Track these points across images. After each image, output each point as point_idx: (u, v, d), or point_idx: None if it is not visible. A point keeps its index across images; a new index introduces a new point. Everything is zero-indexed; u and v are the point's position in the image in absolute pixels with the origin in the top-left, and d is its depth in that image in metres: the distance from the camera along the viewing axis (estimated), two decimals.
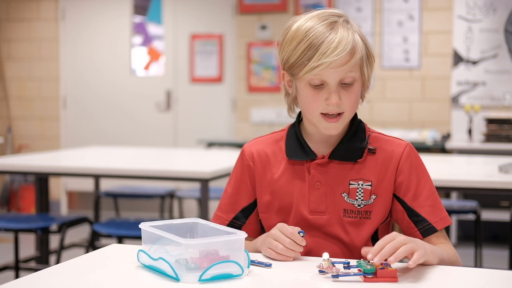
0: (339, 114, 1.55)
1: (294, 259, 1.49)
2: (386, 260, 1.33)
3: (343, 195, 1.59)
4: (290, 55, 1.54)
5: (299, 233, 1.48)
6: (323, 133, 1.59)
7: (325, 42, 1.49)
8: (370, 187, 1.58)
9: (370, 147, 1.61)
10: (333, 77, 1.51)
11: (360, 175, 1.59)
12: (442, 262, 1.48)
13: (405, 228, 1.62)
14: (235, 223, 1.68)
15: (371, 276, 1.31)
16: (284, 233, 1.48)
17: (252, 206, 1.68)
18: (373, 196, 1.58)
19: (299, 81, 1.56)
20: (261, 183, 1.66)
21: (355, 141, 1.61)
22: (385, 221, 1.62)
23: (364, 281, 1.32)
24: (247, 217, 1.68)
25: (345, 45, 1.49)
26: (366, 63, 1.56)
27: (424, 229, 1.58)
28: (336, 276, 1.33)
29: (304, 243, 1.47)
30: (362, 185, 1.58)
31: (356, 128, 1.63)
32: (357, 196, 1.58)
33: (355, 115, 1.65)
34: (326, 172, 1.60)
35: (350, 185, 1.59)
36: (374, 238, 1.61)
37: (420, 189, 1.59)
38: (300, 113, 1.67)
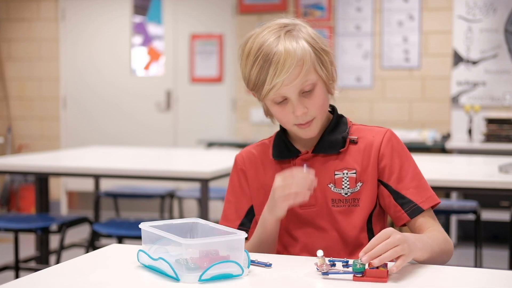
0: (310, 120, 1.59)
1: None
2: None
3: (330, 185, 1.62)
4: (248, 79, 1.60)
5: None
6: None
7: (273, 63, 1.53)
8: (355, 175, 1.62)
9: (351, 137, 1.65)
10: (291, 91, 1.55)
11: (344, 164, 1.63)
12: (433, 254, 1.49)
13: (392, 212, 1.63)
14: (242, 229, 1.68)
15: (360, 275, 1.32)
16: (286, 180, 1.51)
17: (253, 209, 1.71)
18: (359, 184, 1.61)
19: (264, 101, 1.62)
20: (254, 185, 1.70)
21: (336, 133, 1.65)
22: (374, 209, 1.63)
23: (353, 279, 1.33)
24: (251, 221, 1.70)
25: (291, 60, 1.52)
26: (319, 64, 1.58)
27: (411, 210, 1.60)
28: (325, 273, 1.34)
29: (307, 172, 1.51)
30: (347, 173, 1.62)
31: (336, 121, 1.67)
32: (343, 184, 1.62)
33: (335, 110, 1.70)
34: (312, 166, 1.63)
35: (336, 175, 1.62)
36: (369, 229, 1.63)
37: (403, 172, 1.62)
38: None
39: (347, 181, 1.61)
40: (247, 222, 1.70)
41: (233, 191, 1.73)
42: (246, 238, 1.65)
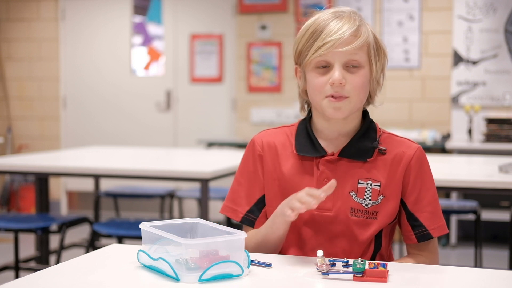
0: (344, 96, 1.55)
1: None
2: None
3: (351, 193, 1.58)
4: (298, 43, 1.58)
5: None
6: (332, 129, 1.60)
7: (330, 25, 1.53)
8: (378, 187, 1.57)
9: (381, 147, 1.60)
10: (337, 58, 1.53)
11: (369, 174, 1.58)
12: None
13: (402, 229, 1.63)
14: (249, 217, 1.66)
15: (360, 275, 1.32)
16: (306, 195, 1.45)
17: (264, 199, 1.66)
18: (381, 197, 1.58)
19: (307, 67, 1.57)
20: (269, 175, 1.64)
21: (365, 140, 1.61)
22: (391, 222, 1.61)
23: (353, 279, 1.33)
24: (261, 210, 1.66)
25: (349, 27, 1.52)
26: (375, 54, 1.57)
27: (420, 235, 1.60)
28: (326, 273, 1.34)
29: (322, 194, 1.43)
30: (371, 184, 1.58)
31: (367, 127, 1.63)
32: (365, 195, 1.57)
33: (367, 114, 1.66)
34: (335, 169, 1.59)
35: (359, 184, 1.58)
36: (377, 239, 1.61)
37: (422, 194, 1.60)
38: (310, 109, 1.67)
39: (370, 192, 1.57)
40: (256, 211, 1.65)
41: (247, 175, 1.67)
42: (253, 227, 1.66)
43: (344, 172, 1.59)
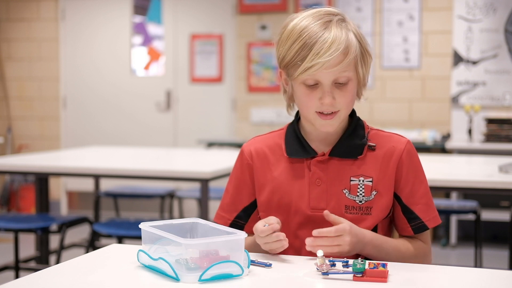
0: (334, 112, 1.56)
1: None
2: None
3: (344, 191, 1.59)
4: (285, 54, 1.56)
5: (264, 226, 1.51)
6: (320, 131, 1.61)
7: (318, 42, 1.50)
8: (370, 183, 1.59)
9: (370, 143, 1.62)
10: (326, 77, 1.52)
11: (360, 171, 1.60)
12: (386, 257, 1.55)
13: (397, 223, 1.64)
14: (238, 222, 1.69)
15: (360, 275, 1.32)
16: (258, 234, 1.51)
17: (253, 205, 1.69)
18: (374, 192, 1.59)
19: (294, 80, 1.57)
20: (261, 181, 1.66)
21: (354, 138, 1.62)
22: (386, 217, 1.62)
23: (353, 279, 1.33)
24: (249, 216, 1.69)
25: (338, 45, 1.50)
26: (361, 62, 1.57)
27: (417, 227, 1.62)
28: (326, 273, 1.34)
29: (275, 229, 1.49)
30: (363, 181, 1.59)
31: (355, 125, 1.64)
32: (358, 192, 1.59)
33: (354, 112, 1.67)
34: (327, 169, 1.61)
35: (351, 182, 1.60)
36: (373, 231, 1.61)
37: (416, 187, 1.62)
38: (298, 111, 1.68)
39: (363, 188, 1.59)
40: (244, 217, 1.69)
41: (235, 182, 1.71)
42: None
43: (336, 171, 1.61)
